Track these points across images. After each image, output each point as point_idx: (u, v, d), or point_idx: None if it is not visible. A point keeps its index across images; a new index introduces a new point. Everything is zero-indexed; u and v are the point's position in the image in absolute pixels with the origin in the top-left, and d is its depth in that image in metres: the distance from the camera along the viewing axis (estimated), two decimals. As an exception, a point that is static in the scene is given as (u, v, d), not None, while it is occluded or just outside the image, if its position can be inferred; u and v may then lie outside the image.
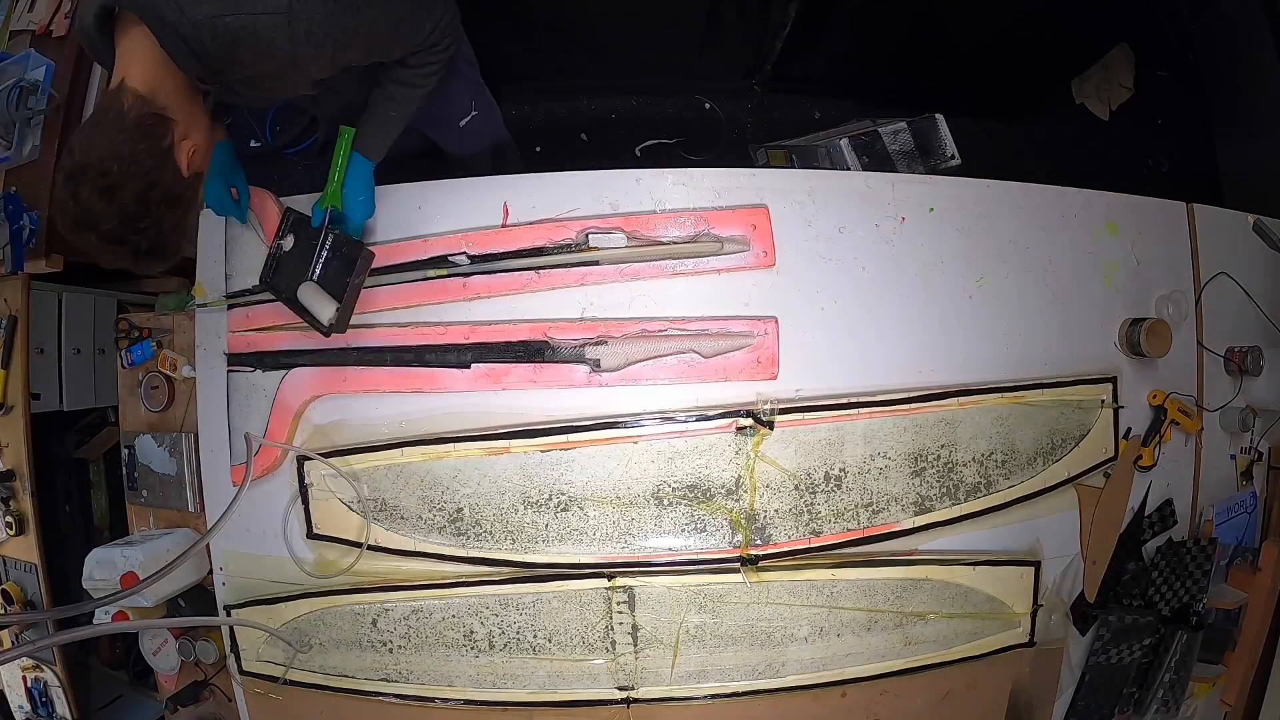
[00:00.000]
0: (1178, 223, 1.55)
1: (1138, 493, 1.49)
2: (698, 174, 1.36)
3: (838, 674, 1.39)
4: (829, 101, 2.52)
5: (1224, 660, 1.62)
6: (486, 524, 1.34)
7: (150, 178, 0.95)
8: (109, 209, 0.94)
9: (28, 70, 1.90)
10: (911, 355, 1.38)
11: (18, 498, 1.80)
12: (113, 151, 0.93)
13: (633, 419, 1.32)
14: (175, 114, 0.98)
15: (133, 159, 0.94)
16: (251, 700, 1.44)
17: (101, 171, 0.93)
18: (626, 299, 1.33)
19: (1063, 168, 2.37)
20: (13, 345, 1.81)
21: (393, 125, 1.26)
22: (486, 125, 1.65)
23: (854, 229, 1.37)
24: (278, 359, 1.37)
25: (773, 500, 1.34)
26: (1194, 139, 2.59)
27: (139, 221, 0.96)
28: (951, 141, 1.90)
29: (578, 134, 2.52)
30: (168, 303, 1.61)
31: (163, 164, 0.97)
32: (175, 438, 1.52)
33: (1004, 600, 1.41)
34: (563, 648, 1.36)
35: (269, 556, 1.39)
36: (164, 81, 0.98)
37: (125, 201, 0.94)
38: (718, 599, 1.35)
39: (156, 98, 0.97)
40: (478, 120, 1.60)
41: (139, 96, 0.96)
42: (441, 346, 1.33)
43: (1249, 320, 1.60)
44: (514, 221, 1.34)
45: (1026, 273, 1.42)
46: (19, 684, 1.87)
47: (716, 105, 2.53)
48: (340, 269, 1.25)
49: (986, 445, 1.39)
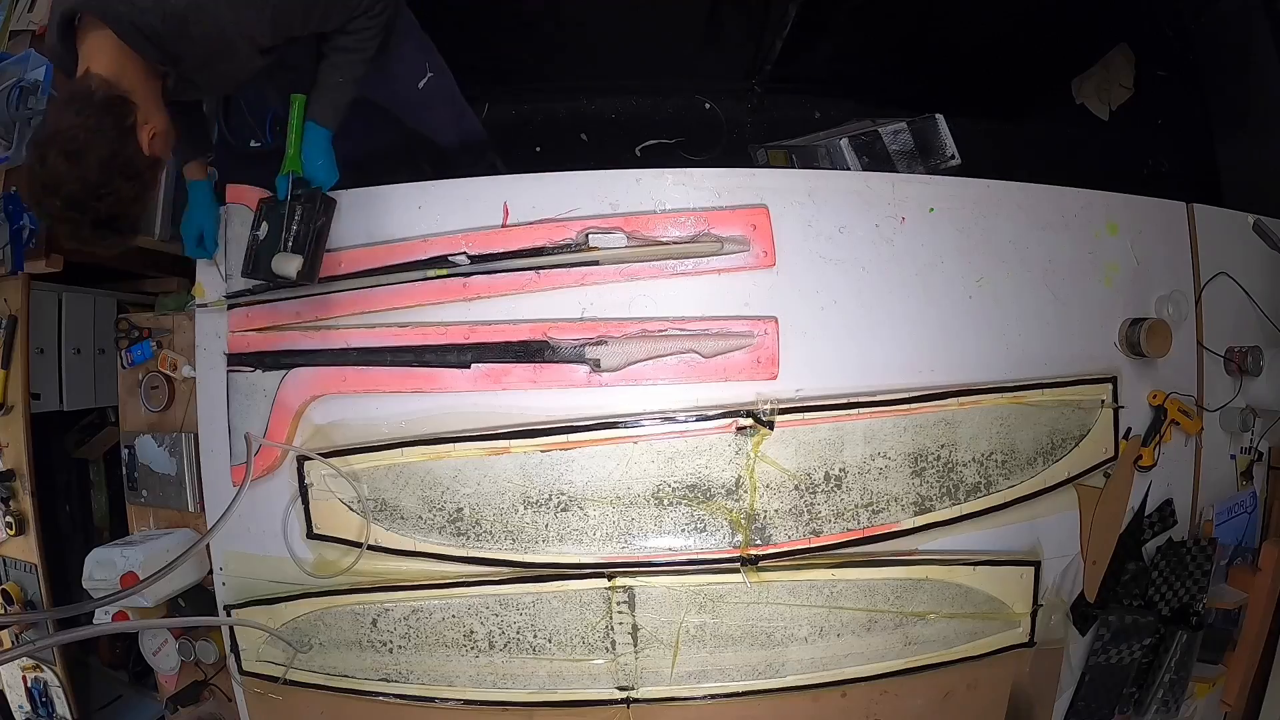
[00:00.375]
0: (1178, 223, 1.55)
1: (1138, 493, 1.49)
2: (698, 174, 1.36)
3: (838, 674, 1.39)
4: (829, 101, 2.52)
5: (1224, 660, 1.62)
6: (486, 524, 1.34)
7: (113, 147, 1.03)
8: (73, 173, 1.01)
9: (28, 70, 1.90)
10: (911, 355, 1.38)
11: (18, 498, 1.80)
12: (80, 122, 1.01)
13: (633, 419, 1.32)
14: (136, 99, 1.06)
15: (99, 129, 1.02)
16: (251, 700, 1.44)
17: (69, 138, 1.01)
18: (626, 299, 1.33)
19: (1063, 168, 2.36)
20: (13, 345, 1.80)
21: (340, 93, 1.30)
22: (446, 92, 1.67)
23: (854, 229, 1.37)
24: (278, 359, 1.37)
25: (773, 500, 1.34)
26: (1194, 139, 2.58)
27: (101, 189, 1.02)
28: (951, 141, 1.90)
29: (578, 134, 2.52)
30: (168, 303, 1.62)
31: (125, 138, 1.05)
32: (175, 438, 1.52)
33: (1004, 600, 1.41)
34: (563, 648, 1.36)
35: (269, 556, 1.39)
36: (125, 70, 1.07)
37: (89, 167, 1.01)
38: (718, 599, 1.35)
39: (120, 83, 1.05)
40: (436, 84, 1.62)
41: (104, 80, 1.04)
42: (441, 346, 1.33)
43: (1249, 320, 1.60)
44: (514, 221, 1.34)
45: (1026, 273, 1.42)
46: (19, 684, 1.87)
47: (716, 105, 2.53)
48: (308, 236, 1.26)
49: (986, 445, 1.39)
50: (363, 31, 1.26)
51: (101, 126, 1.02)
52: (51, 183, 1.02)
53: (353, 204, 1.38)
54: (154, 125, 1.09)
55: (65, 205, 1.03)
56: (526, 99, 2.50)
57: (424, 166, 1.84)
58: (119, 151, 1.03)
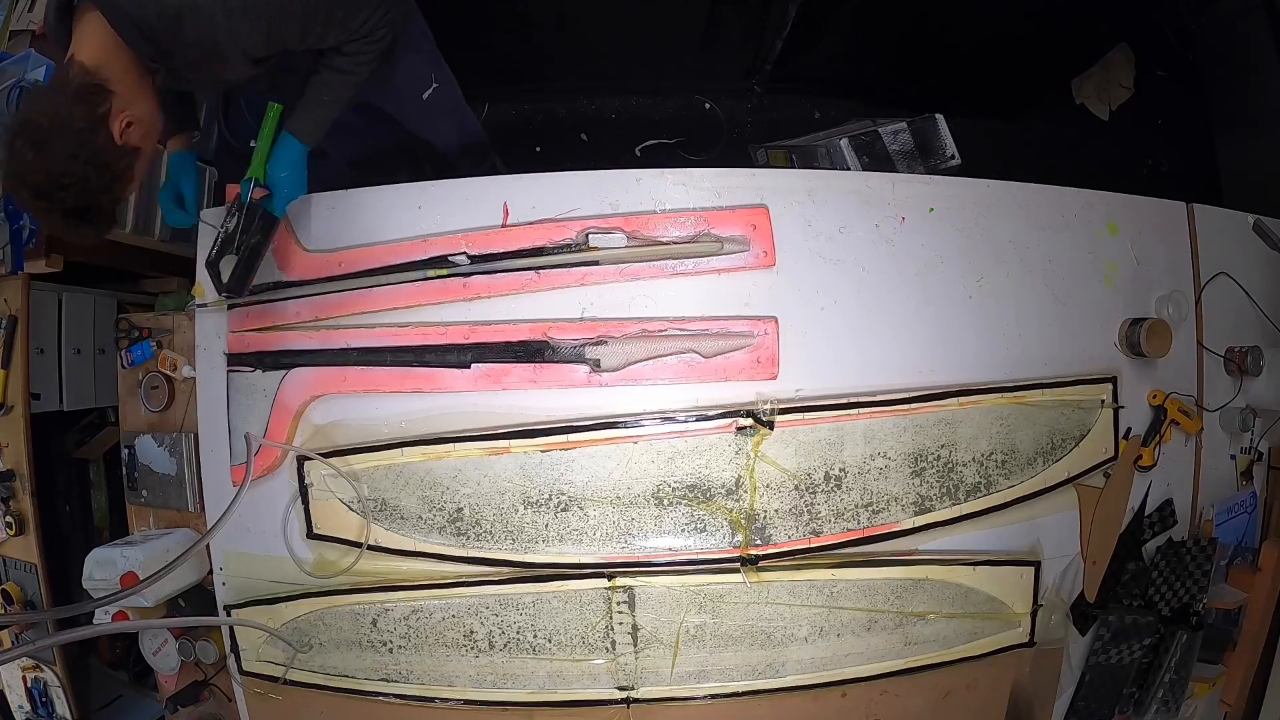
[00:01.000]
0: (1178, 223, 1.55)
1: (1138, 493, 1.49)
2: (698, 174, 1.36)
3: (838, 674, 1.39)
4: (829, 101, 2.52)
5: (1224, 660, 1.62)
6: (486, 524, 1.34)
7: (79, 138, 1.02)
8: (37, 163, 1.01)
9: (28, 70, 1.89)
10: (911, 355, 1.38)
11: (18, 498, 1.80)
12: (50, 111, 1.02)
13: (633, 419, 1.32)
14: (118, 88, 1.05)
15: (67, 119, 1.01)
16: (251, 700, 1.44)
17: (35, 126, 1.01)
18: (626, 299, 1.33)
19: (1063, 168, 2.37)
20: (13, 345, 1.80)
21: (324, 110, 1.29)
22: (450, 101, 1.67)
23: (854, 229, 1.37)
24: (278, 359, 1.37)
25: (773, 500, 1.34)
26: (1194, 139, 2.58)
27: (63, 178, 1.01)
28: (951, 141, 1.90)
29: (578, 134, 2.53)
30: (168, 303, 1.61)
31: (94, 128, 1.03)
32: (175, 438, 1.52)
33: (1004, 600, 1.41)
34: (563, 648, 1.36)
35: (269, 556, 1.39)
36: (111, 58, 1.05)
37: (53, 157, 1.00)
38: (718, 599, 1.35)
39: (100, 70, 1.04)
40: (439, 93, 1.61)
41: (83, 67, 1.03)
42: (441, 346, 1.33)
43: (1249, 320, 1.60)
44: (514, 221, 1.34)
45: (1026, 273, 1.42)
46: (19, 684, 1.87)
47: (716, 105, 2.53)
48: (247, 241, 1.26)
49: (986, 445, 1.39)
50: (359, 55, 1.25)
51: (70, 115, 1.01)
52: (19, 171, 1.02)
53: (353, 204, 1.38)
54: (130, 114, 1.07)
55: (32, 195, 1.02)
56: (526, 99, 2.50)
57: (424, 167, 1.84)
58: (86, 141, 1.02)
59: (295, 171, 1.28)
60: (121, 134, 1.06)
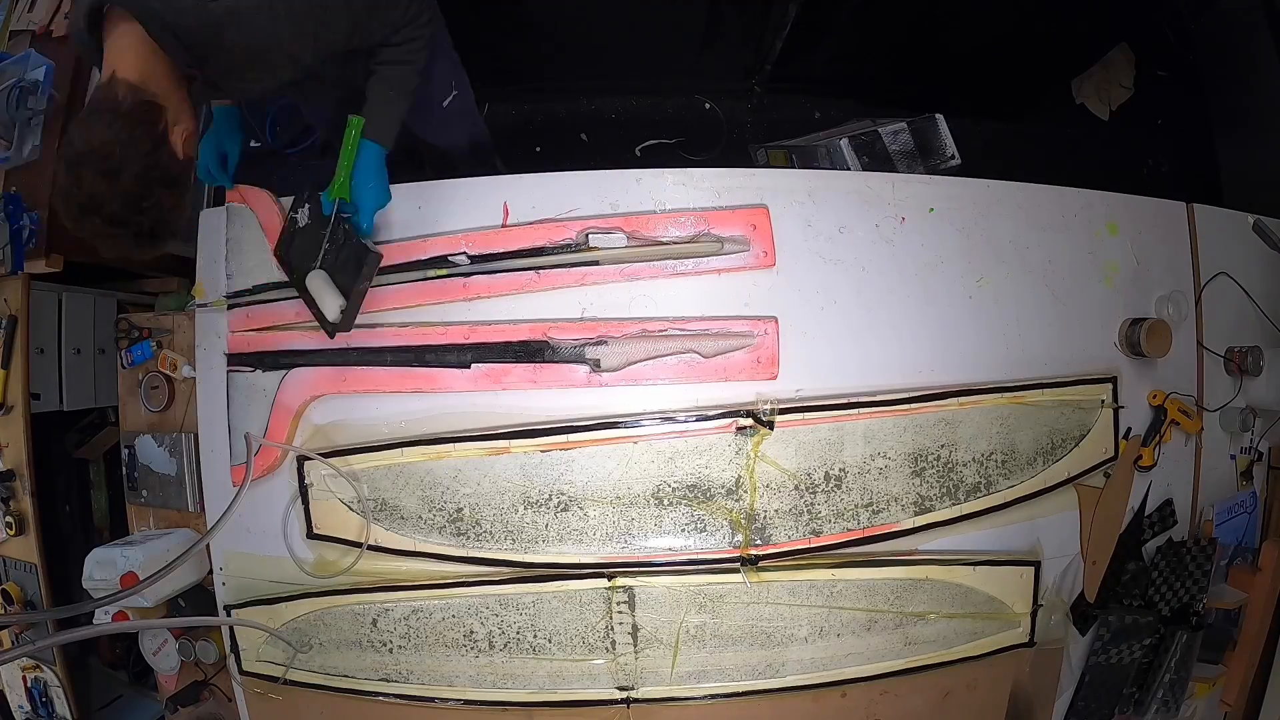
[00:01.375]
0: (1178, 223, 1.55)
1: (1138, 493, 1.49)
2: (698, 174, 1.36)
3: (838, 674, 1.39)
4: (829, 101, 2.52)
5: (1224, 660, 1.62)
6: (486, 524, 1.34)
7: (149, 159, 0.99)
8: (112, 191, 0.97)
9: (28, 70, 1.90)
10: (911, 355, 1.38)
11: (18, 498, 1.80)
12: (112, 136, 0.97)
13: (633, 419, 1.32)
14: (165, 101, 1.02)
15: (131, 142, 0.98)
16: (251, 700, 1.44)
17: (103, 155, 0.97)
18: (626, 299, 1.33)
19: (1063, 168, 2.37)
20: (13, 345, 1.81)
21: (395, 106, 1.27)
22: (466, 106, 1.66)
23: (854, 229, 1.37)
24: (278, 359, 1.37)
25: (773, 500, 1.34)
26: (1194, 139, 2.58)
27: (142, 202, 0.99)
28: (951, 141, 1.90)
29: (578, 134, 2.52)
30: (168, 303, 1.62)
31: (159, 147, 1.01)
32: (175, 438, 1.52)
33: (1004, 600, 1.41)
34: (563, 648, 1.36)
35: (269, 556, 1.39)
36: (153, 71, 1.02)
37: (127, 183, 0.98)
38: (718, 599, 1.35)
39: (147, 86, 1.01)
40: (459, 100, 1.60)
41: (131, 86, 0.99)
42: (441, 346, 1.33)
43: (1249, 320, 1.60)
44: (514, 221, 1.34)
45: (1026, 273, 1.43)
46: (19, 684, 1.87)
47: (716, 105, 2.53)
48: (347, 262, 1.25)
49: (986, 445, 1.39)
50: (411, 42, 1.22)
51: (135, 138, 0.98)
52: (91, 203, 0.98)
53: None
54: (185, 127, 1.05)
55: (107, 223, 0.99)
56: (526, 99, 2.50)
57: (425, 168, 1.84)
58: (156, 162, 1.00)
59: (380, 179, 1.26)
60: (183, 148, 1.05)
